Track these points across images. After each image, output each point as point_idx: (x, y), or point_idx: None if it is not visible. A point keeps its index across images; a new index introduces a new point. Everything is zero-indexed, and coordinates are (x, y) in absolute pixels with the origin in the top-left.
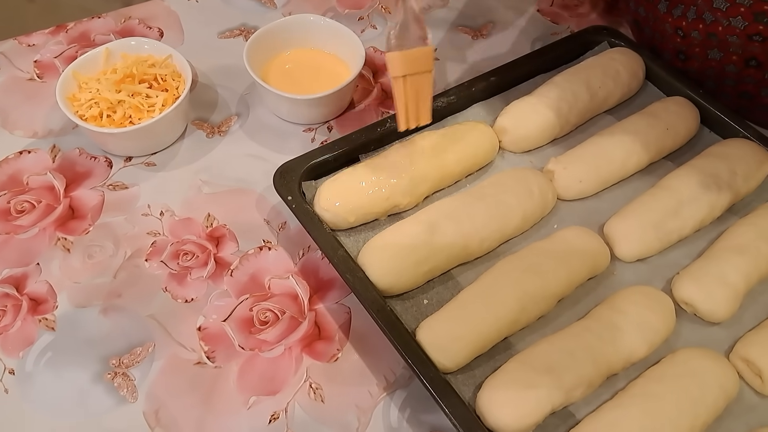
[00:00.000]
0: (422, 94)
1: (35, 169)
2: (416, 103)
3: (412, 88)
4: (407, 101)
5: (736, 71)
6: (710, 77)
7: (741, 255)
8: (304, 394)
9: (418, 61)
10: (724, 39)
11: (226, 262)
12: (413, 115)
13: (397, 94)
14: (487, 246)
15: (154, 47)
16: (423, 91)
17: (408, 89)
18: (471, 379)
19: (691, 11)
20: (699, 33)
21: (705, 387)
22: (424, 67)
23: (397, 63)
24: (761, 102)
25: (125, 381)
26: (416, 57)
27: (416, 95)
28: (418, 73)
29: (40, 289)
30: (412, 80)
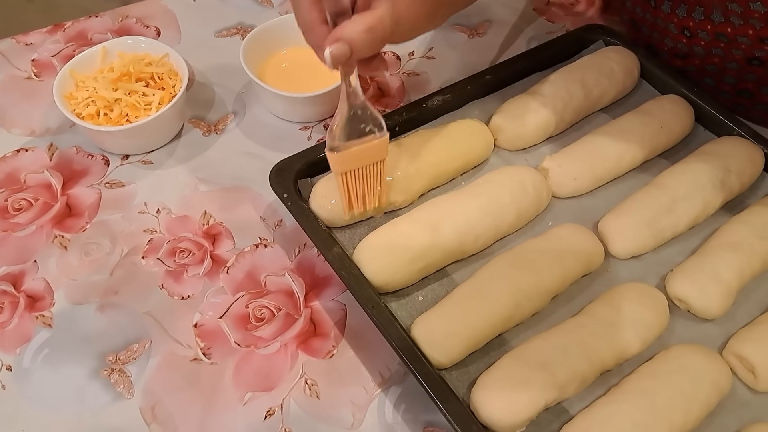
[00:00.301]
0: (371, 183)
1: (32, 167)
2: (363, 191)
3: (359, 179)
4: (350, 192)
5: (737, 68)
6: (710, 75)
7: (734, 252)
8: (300, 391)
9: (365, 155)
10: (733, 39)
11: (223, 259)
12: (360, 202)
13: (339, 186)
14: (482, 243)
15: (150, 46)
16: (372, 180)
17: (353, 181)
18: (465, 375)
19: (697, 11)
20: (707, 33)
21: (697, 383)
22: (371, 159)
23: (335, 163)
24: (761, 100)
25: (122, 377)
26: (361, 152)
27: (364, 185)
28: (364, 167)
29: (37, 286)
30: (355, 173)
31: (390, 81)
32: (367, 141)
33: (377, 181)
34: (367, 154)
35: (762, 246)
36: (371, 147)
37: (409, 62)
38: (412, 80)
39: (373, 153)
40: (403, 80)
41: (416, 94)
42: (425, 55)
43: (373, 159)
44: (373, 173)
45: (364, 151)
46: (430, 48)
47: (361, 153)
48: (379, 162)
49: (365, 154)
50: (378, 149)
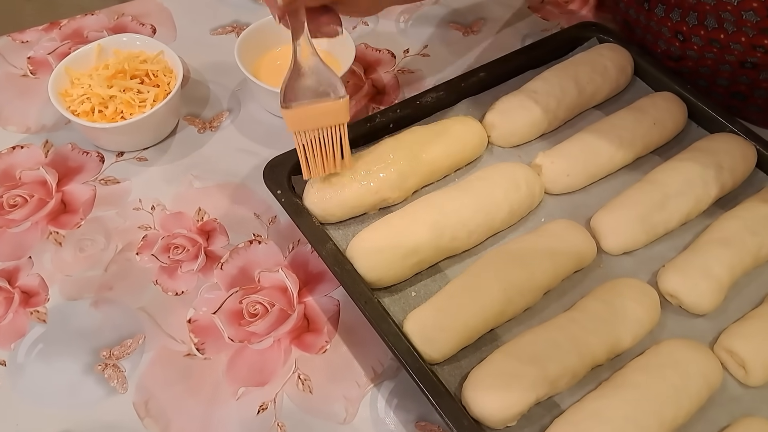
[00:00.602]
0: (329, 146)
1: (28, 164)
2: (321, 153)
3: (315, 140)
4: (308, 153)
5: (730, 71)
6: (703, 76)
7: (726, 247)
8: (293, 385)
9: (321, 116)
10: (726, 45)
11: (217, 255)
12: (318, 165)
13: (296, 145)
14: (474, 239)
15: (145, 43)
16: (331, 143)
17: (308, 142)
18: (457, 370)
19: (691, 16)
20: (700, 38)
21: (688, 377)
22: (328, 121)
23: (288, 119)
24: (754, 102)
25: (115, 372)
26: (317, 112)
27: (322, 148)
28: (322, 128)
29: (32, 282)
30: (312, 134)
31: (385, 78)
32: (323, 102)
33: (337, 146)
34: (324, 116)
35: (753, 242)
36: (327, 108)
37: (404, 59)
38: (407, 77)
39: (330, 115)
40: (398, 77)
41: (411, 91)
42: (420, 52)
43: (331, 122)
44: (332, 137)
45: (320, 112)
46: (425, 45)
47: (317, 113)
48: (338, 125)
49: (321, 116)
50: (336, 112)
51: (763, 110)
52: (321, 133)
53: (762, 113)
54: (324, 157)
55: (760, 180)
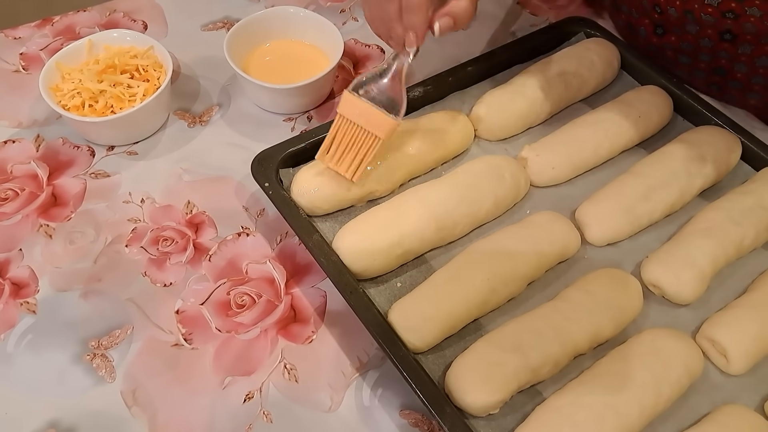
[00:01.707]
0: (357, 148)
1: (19, 158)
2: (344, 149)
3: (350, 134)
4: (337, 140)
5: (710, 45)
6: (685, 53)
7: (708, 238)
8: (279, 375)
9: (370, 119)
10: (699, 17)
11: (205, 247)
12: (336, 156)
13: (332, 127)
14: (459, 230)
15: (136, 39)
16: (359, 147)
17: (343, 131)
18: (441, 359)
19: None
20: (676, 10)
21: (669, 365)
22: (373, 129)
23: (345, 102)
24: (734, 77)
25: (104, 362)
26: (369, 114)
27: (350, 144)
28: (362, 128)
29: (22, 273)
30: (353, 128)
31: None
32: (379, 111)
33: (364, 153)
34: (372, 121)
35: (736, 232)
36: (379, 117)
37: None
38: None
39: (376, 124)
40: None
41: None
42: None
43: (373, 129)
44: (365, 142)
45: (371, 115)
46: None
47: (368, 114)
48: (376, 137)
49: (370, 119)
50: (383, 125)
51: (743, 85)
52: (358, 132)
53: (742, 89)
54: (346, 153)
55: (745, 172)
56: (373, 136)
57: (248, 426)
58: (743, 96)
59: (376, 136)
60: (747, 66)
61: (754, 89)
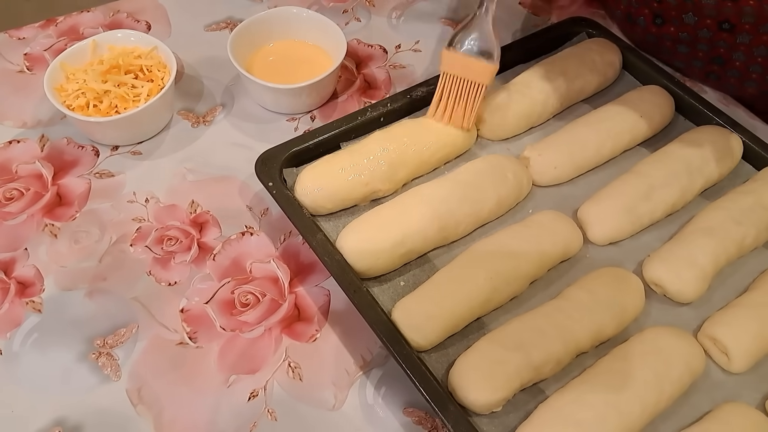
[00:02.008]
0: (463, 99)
1: (24, 158)
2: (453, 103)
3: (455, 88)
4: (444, 97)
5: (709, 36)
6: (684, 42)
7: (710, 237)
8: (283, 373)
9: (471, 69)
10: (698, 2)
11: (209, 246)
12: (447, 112)
13: (439, 86)
14: (462, 230)
15: (140, 39)
16: (466, 97)
17: (449, 87)
18: (444, 358)
19: None
20: None
21: (670, 363)
22: (475, 77)
23: (445, 60)
24: (732, 66)
25: (109, 360)
26: (470, 64)
27: (456, 97)
28: (465, 79)
29: (27, 272)
30: (456, 81)
31: (376, 73)
32: (477, 59)
33: (471, 102)
34: (472, 70)
35: (738, 231)
36: (478, 65)
37: (396, 55)
38: (399, 72)
39: (477, 72)
40: (390, 72)
41: (402, 86)
42: (411, 48)
43: (476, 78)
44: (470, 92)
45: (471, 65)
46: (417, 41)
47: (468, 65)
48: (480, 85)
49: (471, 69)
50: (483, 71)
51: (741, 74)
52: (462, 85)
53: (740, 78)
54: (455, 107)
55: (746, 171)
56: (477, 84)
57: (253, 424)
58: (741, 84)
59: (479, 84)
60: (745, 55)
61: (752, 78)
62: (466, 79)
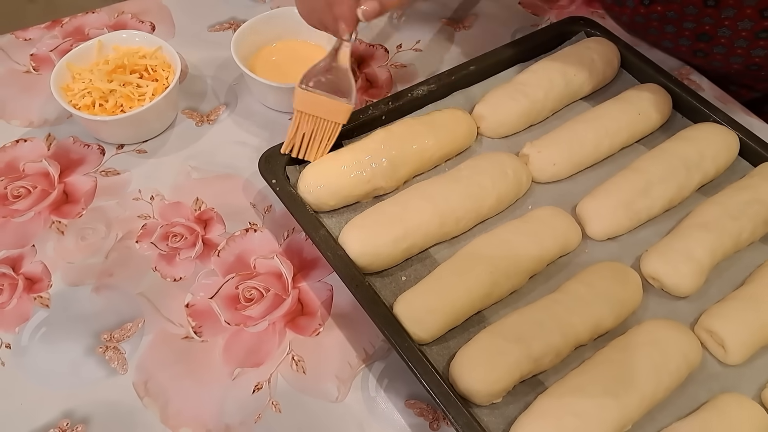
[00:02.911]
0: (319, 136)
1: (31, 156)
2: (308, 139)
3: (312, 126)
4: (297, 132)
5: (695, 12)
6: (671, 21)
7: (706, 231)
8: (287, 366)
9: (326, 108)
10: None
11: (214, 243)
12: (302, 148)
13: (293, 123)
14: (463, 225)
15: (144, 39)
16: (322, 135)
17: (306, 125)
18: (445, 350)
19: None
20: None
21: (667, 355)
22: (331, 116)
23: (299, 99)
24: (718, 42)
25: (116, 354)
26: (325, 104)
27: (311, 133)
28: (320, 118)
29: (35, 269)
30: (313, 120)
31: (378, 72)
32: (333, 98)
33: (327, 140)
34: (328, 110)
35: (734, 226)
36: (334, 105)
37: (397, 54)
38: (400, 72)
39: (333, 111)
40: (391, 72)
41: (403, 85)
42: (413, 47)
43: (331, 117)
44: (325, 130)
45: (326, 105)
46: (418, 41)
47: (323, 104)
48: (336, 124)
49: (326, 108)
50: (338, 111)
51: (727, 49)
52: (318, 122)
53: (726, 54)
54: (311, 143)
55: (743, 168)
56: (332, 122)
57: (257, 416)
58: (727, 60)
59: (335, 123)
60: (730, 29)
61: (737, 52)
62: (322, 118)
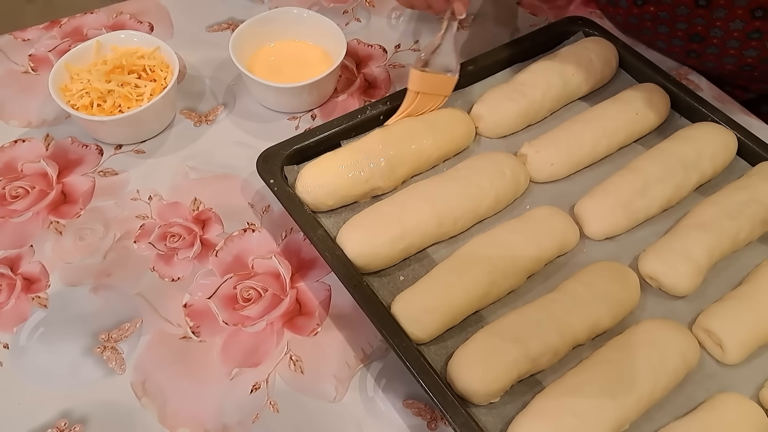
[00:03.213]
0: (428, 109)
1: (29, 156)
2: (418, 113)
3: (421, 102)
4: (411, 111)
5: (686, 13)
6: (664, 22)
7: (704, 231)
8: (285, 366)
9: (437, 84)
10: None
11: (212, 243)
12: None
13: (406, 102)
14: (461, 225)
15: (143, 40)
16: (429, 107)
17: (417, 103)
18: (443, 350)
19: None
20: None
21: (665, 354)
22: (440, 91)
23: (416, 80)
24: (710, 43)
25: (114, 354)
26: (436, 80)
27: (422, 108)
28: (431, 94)
29: (33, 269)
30: (424, 97)
31: (376, 72)
32: (443, 75)
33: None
34: (438, 85)
35: (732, 226)
36: (444, 80)
37: (395, 54)
38: (398, 72)
39: (442, 86)
40: (389, 71)
41: (402, 85)
42: (411, 47)
43: (440, 91)
44: (432, 102)
45: (438, 82)
46: (416, 41)
47: (435, 82)
48: (442, 97)
49: (437, 84)
50: (448, 84)
51: (720, 50)
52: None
53: (718, 54)
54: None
55: (741, 167)
56: (438, 96)
57: (255, 415)
58: (720, 61)
59: (441, 96)
60: (722, 30)
61: (730, 53)
62: (432, 93)
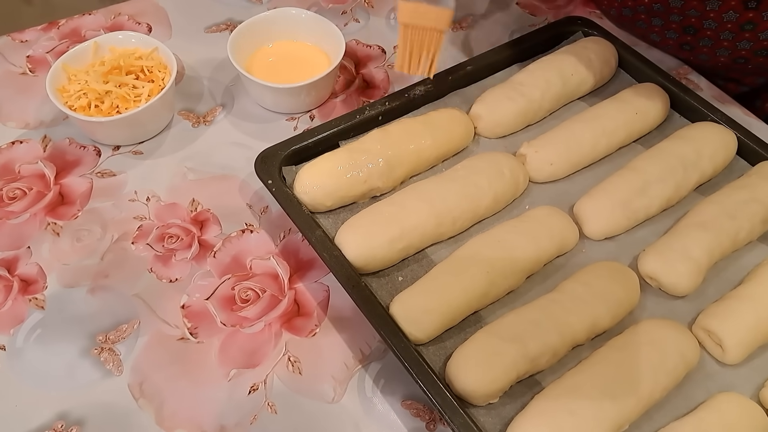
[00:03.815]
0: (427, 48)
1: (27, 158)
2: (419, 53)
3: (417, 38)
4: (409, 48)
5: (680, 5)
6: (658, 15)
7: (704, 231)
8: (283, 367)
9: (427, 16)
10: None
11: (210, 244)
12: (413, 63)
13: (400, 38)
14: (459, 225)
15: (140, 40)
16: (429, 45)
17: (412, 38)
18: (442, 351)
19: None
20: None
21: (665, 354)
22: (433, 24)
23: (405, 11)
24: (704, 35)
25: (111, 356)
26: (426, 12)
27: (420, 47)
28: (425, 28)
29: (30, 270)
30: (417, 32)
31: (375, 73)
32: (433, 6)
33: (432, 50)
34: (430, 17)
35: (731, 225)
36: (435, 11)
37: (394, 55)
38: (397, 72)
39: (435, 18)
40: (388, 72)
41: (400, 86)
42: None
43: (434, 24)
44: (430, 39)
45: (428, 12)
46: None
47: (425, 12)
48: (438, 31)
49: (428, 16)
50: (440, 16)
51: (713, 42)
52: (421, 33)
53: (712, 47)
54: (420, 56)
55: (741, 167)
56: (435, 30)
57: (253, 417)
58: (714, 53)
59: (438, 30)
60: (716, 21)
61: (723, 45)
62: (425, 27)
